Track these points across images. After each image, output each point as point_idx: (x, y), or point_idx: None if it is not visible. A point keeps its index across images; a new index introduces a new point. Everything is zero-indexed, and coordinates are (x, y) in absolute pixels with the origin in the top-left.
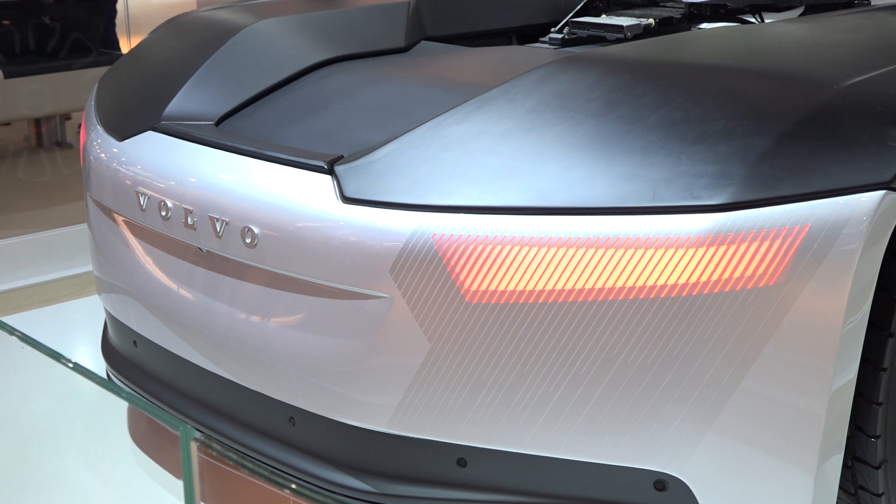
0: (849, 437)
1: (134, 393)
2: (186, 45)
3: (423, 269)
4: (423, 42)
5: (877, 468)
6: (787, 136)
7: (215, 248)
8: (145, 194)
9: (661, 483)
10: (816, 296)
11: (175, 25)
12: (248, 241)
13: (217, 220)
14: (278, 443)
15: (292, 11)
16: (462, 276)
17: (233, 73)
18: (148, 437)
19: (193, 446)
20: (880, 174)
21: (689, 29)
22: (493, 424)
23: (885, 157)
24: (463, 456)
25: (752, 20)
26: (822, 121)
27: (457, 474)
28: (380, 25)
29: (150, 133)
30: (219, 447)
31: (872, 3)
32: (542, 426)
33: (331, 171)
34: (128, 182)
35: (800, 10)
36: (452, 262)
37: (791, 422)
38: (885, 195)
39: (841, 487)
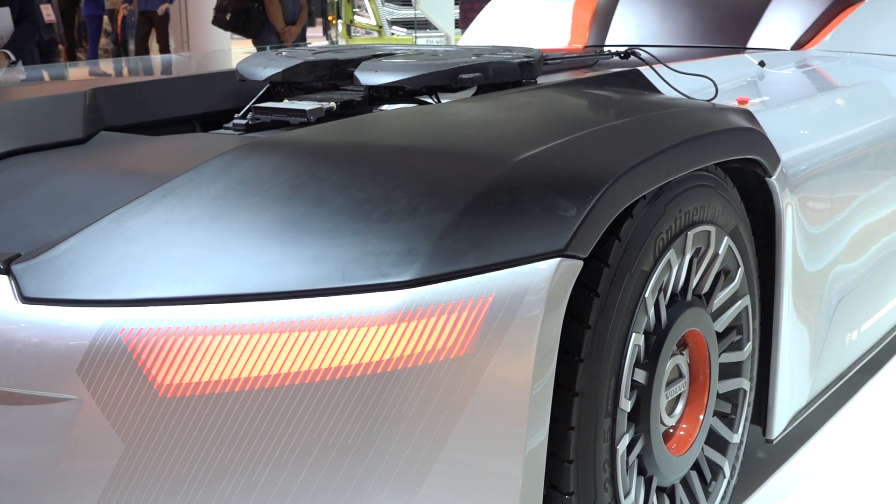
0: (545, 497)
1: None
2: None
3: (112, 366)
4: (102, 132)
5: None
6: (467, 211)
7: None
8: None
9: None
10: (505, 362)
11: None
12: None
13: None
14: None
15: None
16: (154, 371)
17: None
18: None
19: None
20: (555, 242)
21: (370, 111)
22: None
23: (558, 226)
24: None
25: (430, 100)
26: (498, 195)
27: None
28: (55, 117)
29: None
30: None
31: (539, 82)
32: None
33: (7, 271)
34: None
35: (473, 90)
36: (143, 357)
37: (491, 486)
38: (560, 262)
39: None
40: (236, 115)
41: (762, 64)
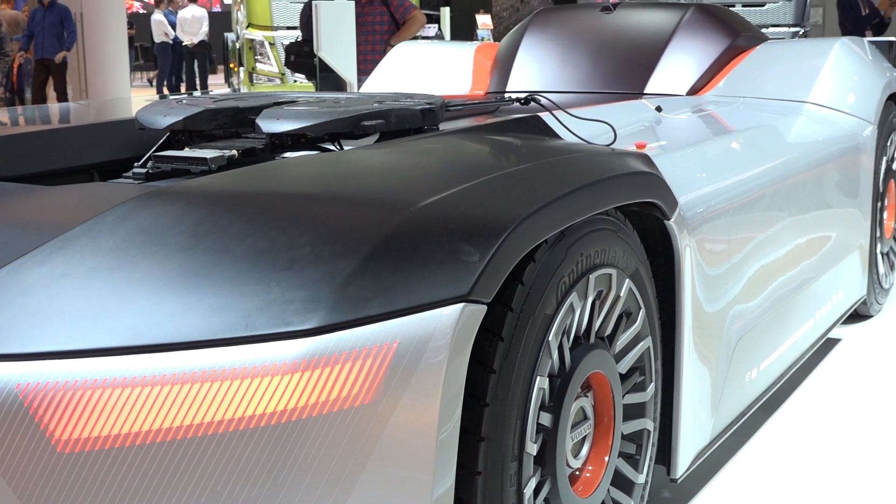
0: None
1: None
2: None
3: (8, 422)
4: None
5: None
6: (370, 258)
7: None
8: None
9: None
10: (410, 409)
11: None
12: None
13: None
14: None
15: None
16: (52, 426)
17: None
18: None
19: None
20: (458, 288)
21: (272, 158)
22: None
23: (461, 272)
24: None
25: (332, 147)
26: (401, 241)
27: None
28: None
29: None
30: None
31: (441, 129)
32: None
33: None
34: None
35: (376, 137)
36: (40, 412)
37: None
38: (464, 307)
39: None
40: (136, 164)
41: (659, 109)
